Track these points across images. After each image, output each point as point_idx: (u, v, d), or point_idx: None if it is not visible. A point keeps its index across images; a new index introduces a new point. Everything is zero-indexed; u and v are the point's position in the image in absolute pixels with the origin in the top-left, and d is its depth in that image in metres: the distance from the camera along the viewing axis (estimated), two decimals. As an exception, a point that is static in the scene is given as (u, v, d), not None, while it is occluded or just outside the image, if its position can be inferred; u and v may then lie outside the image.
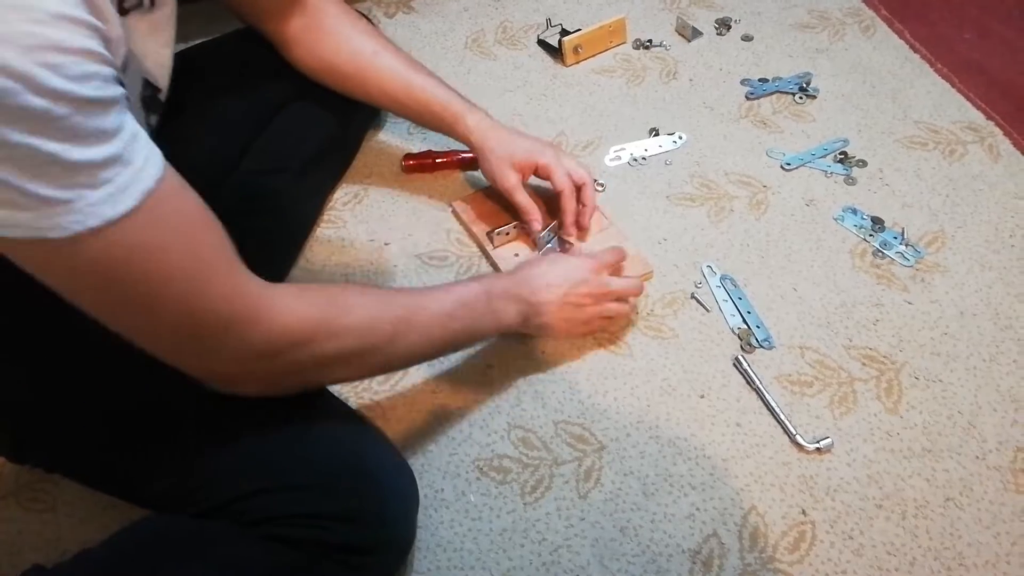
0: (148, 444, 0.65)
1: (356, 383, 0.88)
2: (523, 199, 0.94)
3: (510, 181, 0.94)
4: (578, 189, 0.95)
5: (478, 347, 0.91)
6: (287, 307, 0.59)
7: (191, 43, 1.02)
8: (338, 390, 0.88)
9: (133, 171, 0.47)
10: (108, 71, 0.46)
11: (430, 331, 0.70)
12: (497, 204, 1.04)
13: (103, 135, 0.45)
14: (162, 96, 0.70)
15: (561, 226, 0.97)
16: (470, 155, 1.08)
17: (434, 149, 1.11)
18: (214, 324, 0.55)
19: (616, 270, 0.91)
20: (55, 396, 0.65)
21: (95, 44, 0.45)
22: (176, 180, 0.52)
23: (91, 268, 0.48)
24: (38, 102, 0.41)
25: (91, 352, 0.61)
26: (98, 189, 0.45)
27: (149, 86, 0.68)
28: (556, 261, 0.86)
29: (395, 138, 1.16)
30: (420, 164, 1.11)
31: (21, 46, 0.40)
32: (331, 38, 0.92)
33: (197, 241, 0.53)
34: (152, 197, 0.48)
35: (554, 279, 0.83)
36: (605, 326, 0.90)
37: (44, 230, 0.44)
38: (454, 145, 1.04)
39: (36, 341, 0.65)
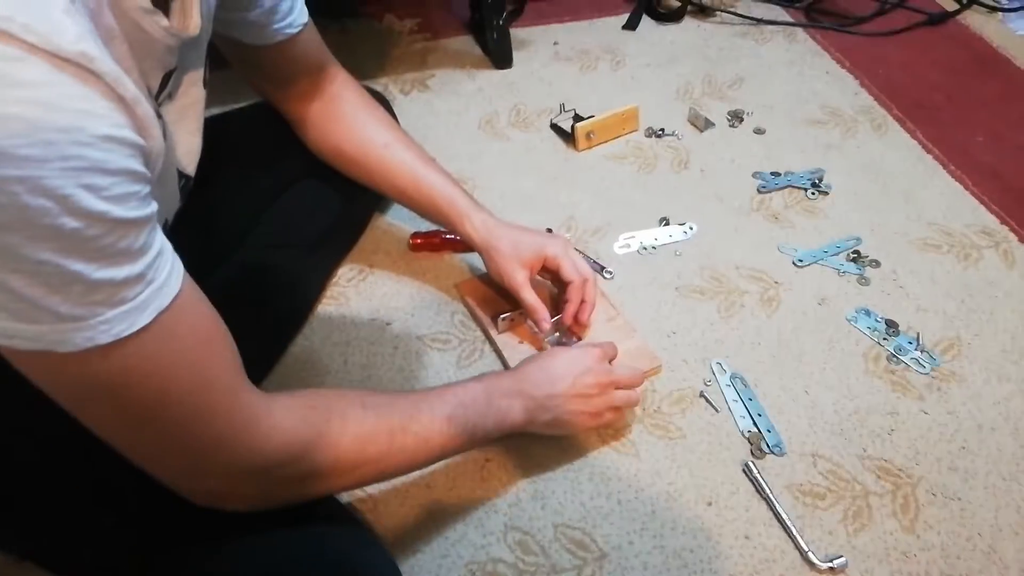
0: (127, 538, 0.61)
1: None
2: (531, 298, 0.91)
3: (517, 280, 0.91)
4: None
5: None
6: (282, 423, 0.57)
7: (208, 112, 1.02)
8: (328, 479, 0.84)
9: (153, 290, 0.46)
10: (145, 189, 0.46)
11: (428, 438, 0.67)
12: (502, 288, 1.02)
13: (130, 254, 0.44)
14: (190, 184, 0.69)
15: (563, 319, 0.94)
16: None
17: (442, 229, 1.10)
18: (209, 442, 0.53)
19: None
20: (33, 481, 0.62)
21: (136, 163, 0.44)
22: (192, 294, 0.51)
23: (94, 382, 0.46)
24: (72, 223, 0.40)
25: (72, 441, 0.58)
26: (115, 308, 0.44)
27: (182, 176, 0.67)
28: (557, 353, 0.83)
29: (403, 217, 1.15)
30: (427, 243, 1.09)
31: (63, 168, 0.39)
32: (344, 125, 0.92)
33: (205, 358, 0.52)
34: (167, 314, 0.47)
35: (558, 371, 0.80)
36: (612, 420, 0.86)
37: (53, 344, 0.43)
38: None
39: (16, 426, 0.62)
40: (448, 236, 1.09)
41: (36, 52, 0.38)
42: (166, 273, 0.48)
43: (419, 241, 1.09)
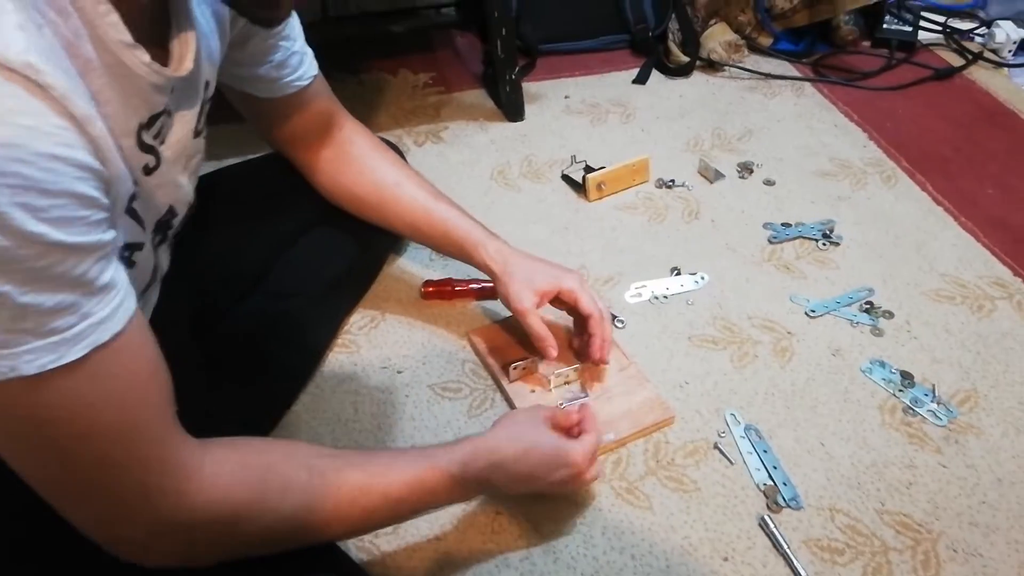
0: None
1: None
2: (538, 324, 0.90)
3: (525, 303, 0.90)
4: None
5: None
6: (213, 482, 0.54)
7: (223, 162, 1.04)
8: (337, 530, 0.83)
9: (89, 324, 0.44)
10: (97, 215, 0.44)
11: (376, 515, 0.65)
12: (515, 337, 1.02)
13: (65, 282, 0.43)
14: (176, 222, 0.69)
15: (590, 353, 0.93)
16: (489, 284, 1.07)
17: (454, 277, 1.11)
18: (130, 492, 0.51)
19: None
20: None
21: (86, 187, 0.43)
22: (138, 335, 0.49)
23: (13, 414, 0.44)
24: (1, 241, 0.39)
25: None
26: (43, 338, 0.42)
27: (171, 211, 0.67)
28: (543, 441, 0.75)
29: (415, 265, 1.15)
30: (439, 291, 1.10)
31: (1, 185, 0.38)
32: (355, 168, 0.93)
33: (138, 404, 0.50)
34: (103, 352, 0.45)
35: (536, 469, 0.74)
36: None
37: None
38: (474, 274, 1.02)
39: None
40: (460, 287, 1.09)
41: None
42: (110, 308, 0.46)
43: (431, 290, 1.10)
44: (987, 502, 0.87)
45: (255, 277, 0.95)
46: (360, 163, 0.94)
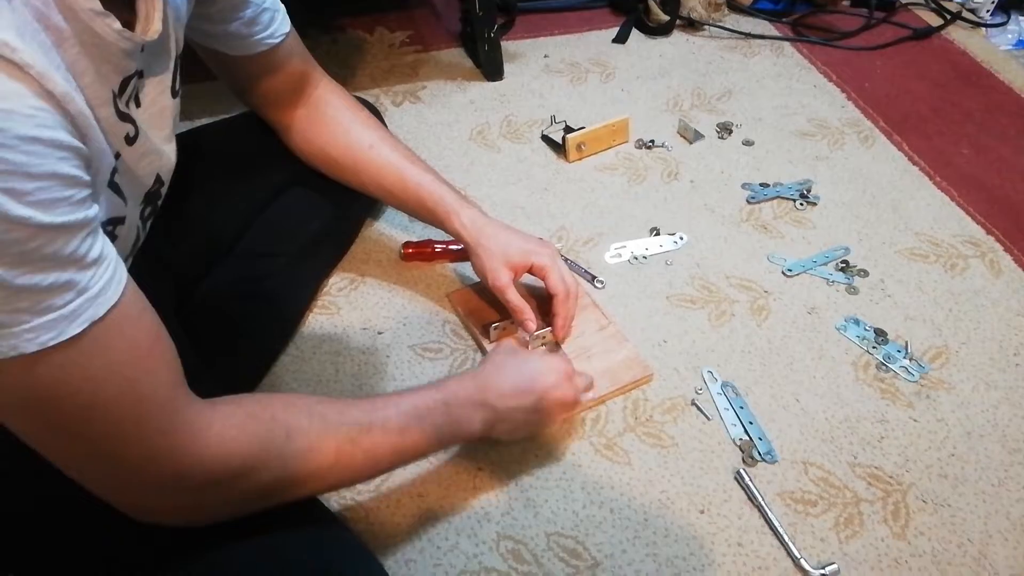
0: (102, 549, 0.60)
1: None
2: (516, 299, 0.90)
3: (502, 280, 0.90)
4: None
5: (468, 448, 0.87)
6: (222, 438, 0.55)
7: (196, 122, 1.02)
8: (320, 488, 0.83)
9: (86, 299, 0.45)
10: (81, 193, 0.44)
11: (378, 452, 0.65)
12: (495, 297, 1.02)
13: (58, 261, 0.43)
14: (163, 191, 0.69)
15: (554, 333, 0.95)
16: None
17: (434, 239, 1.10)
18: (142, 458, 0.51)
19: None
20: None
21: (69, 166, 0.43)
22: (134, 305, 0.49)
23: (19, 393, 0.45)
24: None
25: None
26: (41, 316, 0.42)
27: (158, 181, 0.67)
28: (526, 360, 0.79)
29: (394, 227, 1.15)
30: (418, 252, 1.09)
31: None
32: (329, 128, 0.92)
33: (141, 373, 0.50)
34: (101, 325, 0.46)
35: (523, 383, 0.77)
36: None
37: None
38: (454, 236, 1.02)
39: None
40: (440, 247, 1.09)
41: None
42: (103, 281, 0.46)
43: (411, 251, 1.09)
44: (956, 455, 0.89)
45: (232, 238, 0.94)
46: (334, 124, 0.92)
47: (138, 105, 0.61)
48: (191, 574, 0.59)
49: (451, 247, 1.09)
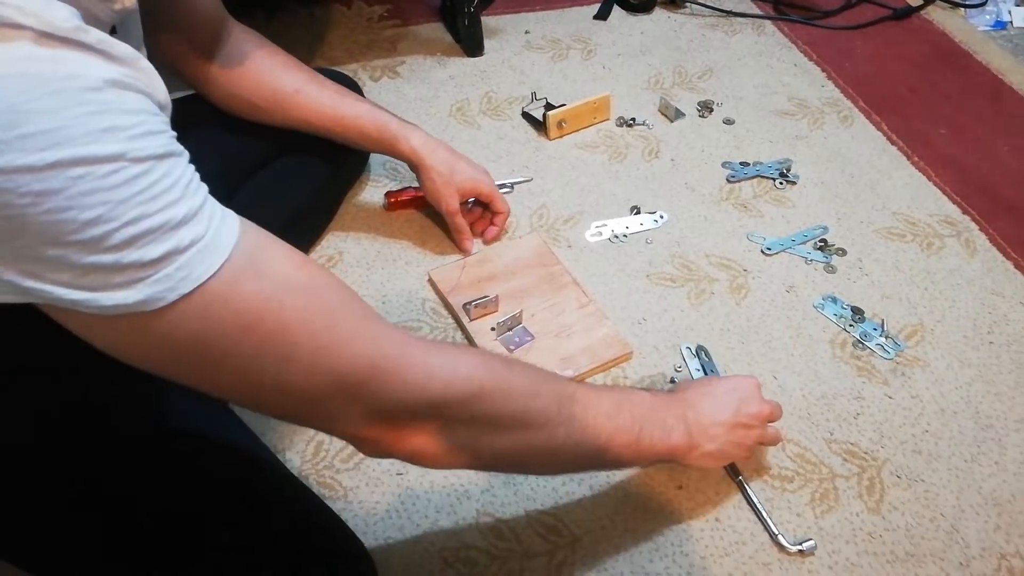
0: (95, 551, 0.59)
1: (317, 460, 0.83)
2: (463, 223, 1.04)
3: (453, 205, 1.02)
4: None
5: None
6: (440, 354, 0.54)
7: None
8: (297, 467, 0.83)
9: (219, 221, 0.44)
10: (171, 130, 0.44)
11: (594, 424, 0.62)
12: (474, 276, 1.02)
13: (194, 188, 0.43)
14: None
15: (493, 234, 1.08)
16: None
17: (412, 186, 1.11)
18: (359, 368, 0.49)
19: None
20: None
21: (151, 104, 0.43)
22: (257, 228, 0.48)
23: (198, 334, 0.43)
24: (105, 168, 0.38)
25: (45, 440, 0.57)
26: (189, 251, 0.41)
27: None
28: (717, 380, 0.79)
29: (374, 204, 1.14)
30: (400, 200, 1.11)
31: (81, 114, 0.37)
32: (250, 78, 0.89)
33: (307, 278, 0.48)
34: (244, 241, 0.44)
35: (721, 398, 0.76)
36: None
37: (146, 303, 0.40)
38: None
39: None
40: (419, 189, 1.09)
41: (28, 30, 0.36)
42: (219, 208, 0.45)
43: (393, 200, 1.11)
44: (930, 431, 0.90)
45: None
46: (255, 72, 0.89)
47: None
48: (166, 566, 0.59)
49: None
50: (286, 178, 0.98)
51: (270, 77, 0.90)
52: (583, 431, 0.62)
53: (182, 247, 0.41)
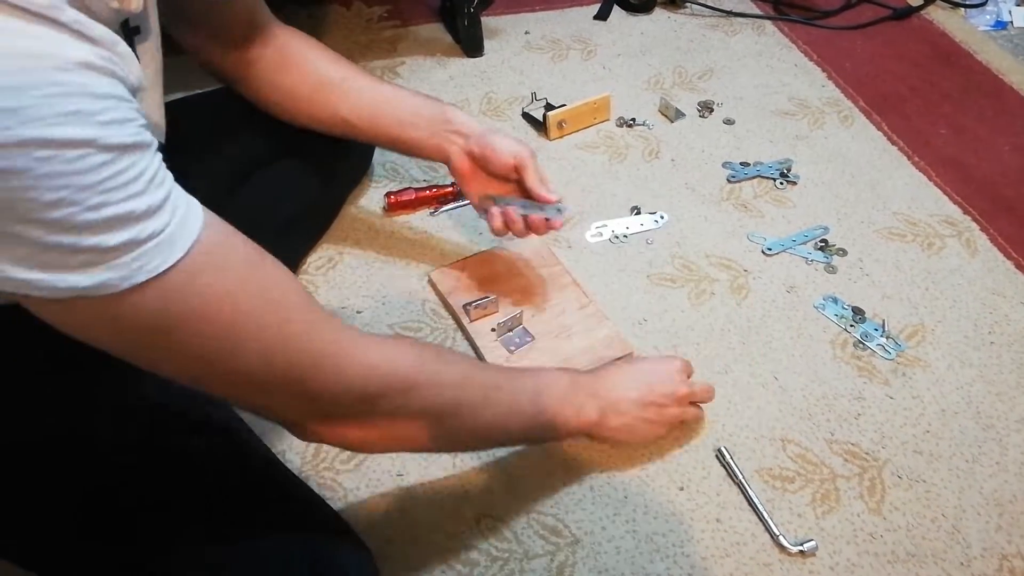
0: (94, 541, 0.59)
1: (317, 461, 0.83)
2: (541, 169, 0.88)
3: (526, 151, 0.87)
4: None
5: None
6: (380, 349, 0.58)
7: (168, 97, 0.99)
8: (297, 467, 0.83)
9: (181, 217, 0.44)
10: (141, 117, 0.44)
11: (515, 407, 0.69)
12: (475, 277, 1.02)
13: (158, 181, 0.43)
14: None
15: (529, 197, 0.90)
16: (449, 188, 1.12)
17: (413, 186, 1.12)
18: (307, 364, 0.52)
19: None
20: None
21: (123, 91, 0.43)
22: (222, 223, 0.49)
23: (168, 312, 0.45)
24: (71, 153, 0.38)
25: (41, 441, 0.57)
26: (148, 244, 0.42)
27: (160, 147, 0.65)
28: (637, 360, 0.84)
29: (373, 206, 1.14)
30: (399, 202, 1.11)
31: (47, 95, 0.37)
32: (297, 68, 0.87)
33: (264, 278, 0.50)
34: (206, 236, 0.45)
35: (635, 377, 0.82)
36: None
37: (100, 288, 0.41)
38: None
39: None
40: (420, 189, 1.10)
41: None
42: (185, 199, 0.45)
43: (393, 200, 1.11)
44: (931, 431, 0.90)
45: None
46: (302, 64, 0.88)
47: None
48: (162, 566, 0.59)
49: (432, 189, 1.12)
50: (287, 179, 0.97)
51: (317, 67, 0.88)
52: (507, 416, 0.69)
53: (141, 239, 0.42)
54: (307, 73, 0.88)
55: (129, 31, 0.57)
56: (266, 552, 0.60)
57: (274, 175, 0.96)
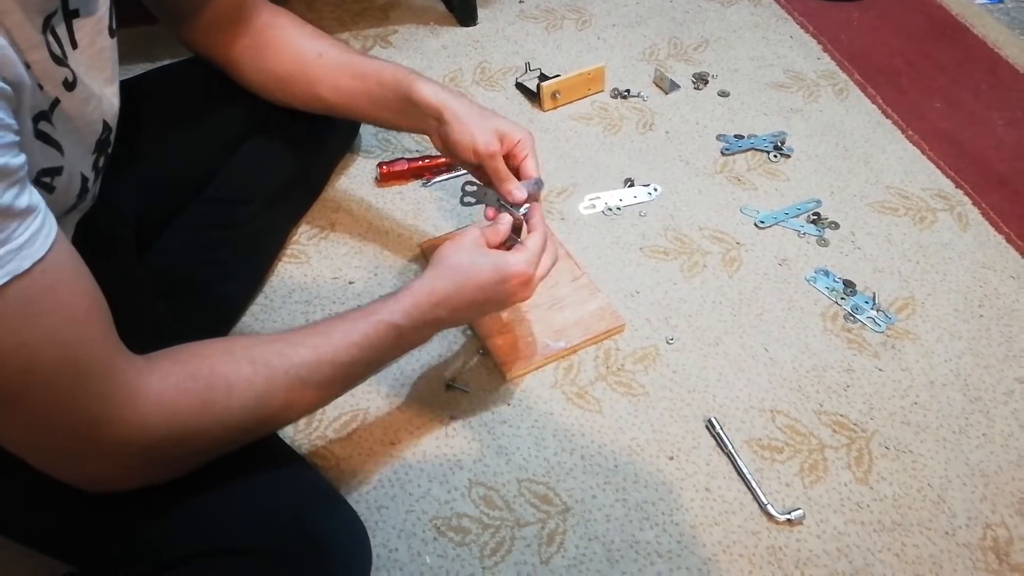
0: (69, 500, 0.59)
1: (310, 430, 0.84)
2: (502, 167, 0.79)
3: (494, 145, 0.78)
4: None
5: (440, 398, 0.87)
6: (162, 399, 0.53)
7: (158, 63, 0.98)
8: (290, 436, 0.83)
9: (6, 251, 0.42)
10: (7, 138, 0.42)
11: (329, 384, 0.64)
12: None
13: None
14: (112, 138, 0.66)
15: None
16: (443, 159, 1.10)
17: (405, 156, 1.12)
18: (83, 423, 0.49)
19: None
20: None
21: None
22: (64, 263, 0.47)
23: None
24: None
25: None
26: None
27: (107, 128, 0.64)
28: (480, 273, 0.72)
29: (364, 175, 1.13)
30: (391, 172, 1.11)
31: None
32: (275, 49, 0.87)
33: (75, 335, 0.48)
34: (24, 280, 0.43)
35: (478, 295, 0.72)
36: None
37: None
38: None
39: None
40: (413, 160, 1.10)
41: None
42: (29, 234, 0.43)
43: (385, 170, 1.10)
44: (919, 403, 0.91)
45: (195, 183, 0.91)
46: (280, 43, 0.87)
47: (75, 47, 0.58)
48: (154, 531, 0.58)
49: (425, 159, 1.12)
50: (274, 149, 0.96)
51: (294, 45, 0.87)
52: (317, 400, 0.64)
53: None
54: (284, 54, 0.87)
55: (68, 13, 0.56)
56: (248, 509, 0.60)
57: (260, 146, 0.95)
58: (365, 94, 0.86)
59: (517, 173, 0.81)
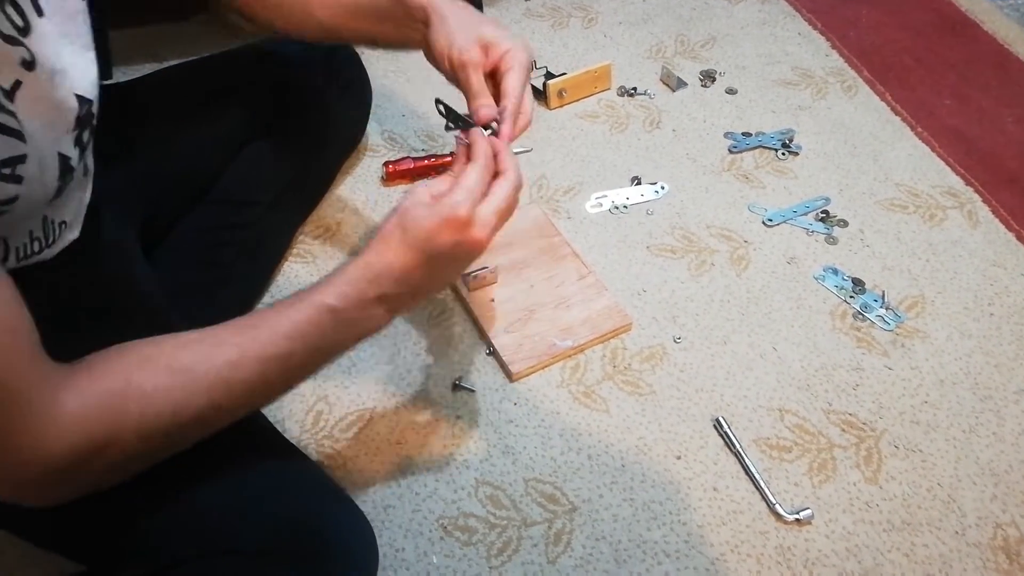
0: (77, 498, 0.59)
1: (316, 430, 0.83)
2: (479, 81, 0.70)
3: (470, 54, 0.69)
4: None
5: (447, 396, 0.87)
6: (75, 418, 0.50)
7: (164, 63, 0.98)
8: (296, 436, 0.83)
9: None
10: None
11: (262, 381, 0.58)
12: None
13: None
14: (95, 110, 0.61)
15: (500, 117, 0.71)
16: (449, 158, 1.10)
17: (411, 155, 1.12)
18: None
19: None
20: None
21: None
22: None
23: None
24: None
25: None
26: None
27: (85, 103, 0.59)
28: (417, 227, 0.60)
29: (373, 174, 1.13)
30: (397, 171, 1.11)
31: None
32: None
33: None
34: None
35: (420, 257, 0.61)
36: None
37: None
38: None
39: None
40: (418, 159, 1.10)
41: None
42: None
43: (392, 169, 1.11)
44: (929, 402, 0.90)
45: (202, 183, 0.91)
46: None
47: (40, 14, 0.53)
48: (161, 530, 0.58)
49: (432, 158, 1.12)
50: (278, 150, 0.96)
51: None
52: (240, 407, 0.59)
53: None
54: None
55: None
56: (254, 509, 0.59)
57: (265, 147, 0.95)
58: (362, 12, 0.78)
59: (499, 92, 0.71)
